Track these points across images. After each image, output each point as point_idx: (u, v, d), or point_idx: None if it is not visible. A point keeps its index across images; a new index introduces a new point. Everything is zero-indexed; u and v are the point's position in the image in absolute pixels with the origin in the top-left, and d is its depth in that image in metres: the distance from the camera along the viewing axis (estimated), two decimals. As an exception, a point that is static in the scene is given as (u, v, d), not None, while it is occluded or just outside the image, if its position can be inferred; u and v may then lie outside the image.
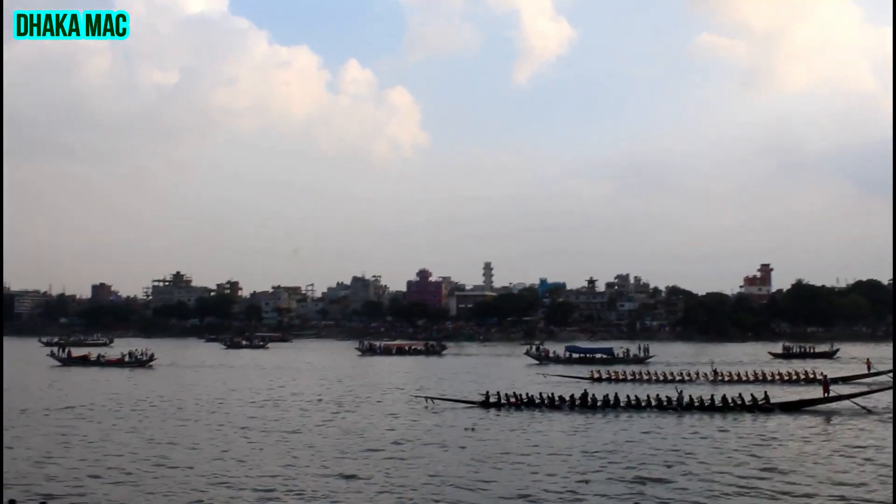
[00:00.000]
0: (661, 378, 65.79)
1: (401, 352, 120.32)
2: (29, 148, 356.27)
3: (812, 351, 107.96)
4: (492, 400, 49.07)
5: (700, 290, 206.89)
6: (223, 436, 38.40)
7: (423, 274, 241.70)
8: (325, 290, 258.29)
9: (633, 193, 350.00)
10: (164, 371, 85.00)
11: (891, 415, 42.95)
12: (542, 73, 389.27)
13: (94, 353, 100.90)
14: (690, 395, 47.84)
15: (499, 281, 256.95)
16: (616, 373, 69.88)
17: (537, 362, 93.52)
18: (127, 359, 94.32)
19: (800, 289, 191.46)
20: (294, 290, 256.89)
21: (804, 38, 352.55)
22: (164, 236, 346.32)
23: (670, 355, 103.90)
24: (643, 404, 47.21)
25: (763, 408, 45.88)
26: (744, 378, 65.66)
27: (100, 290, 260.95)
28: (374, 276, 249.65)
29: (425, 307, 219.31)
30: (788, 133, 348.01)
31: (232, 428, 40.90)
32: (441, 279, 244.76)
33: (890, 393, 48.24)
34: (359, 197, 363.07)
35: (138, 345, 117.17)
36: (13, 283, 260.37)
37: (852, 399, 47.03)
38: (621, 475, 28.68)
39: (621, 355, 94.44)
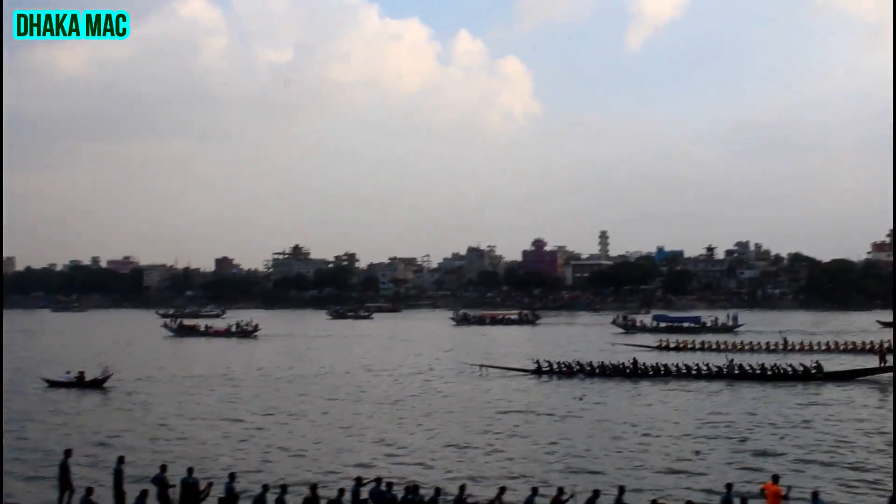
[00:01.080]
0: (729, 347, 66.04)
1: (494, 321, 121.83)
2: (152, 128, 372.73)
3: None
4: (543, 368, 50.26)
5: (824, 256, 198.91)
6: (348, 406, 40.46)
7: (538, 243, 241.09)
8: (441, 261, 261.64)
9: (753, 156, 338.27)
10: (266, 341, 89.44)
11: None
12: (655, 37, 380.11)
13: (202, 324, 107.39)
14: (740, 364, 47.93)
15: (615, 249, 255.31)
16: (684, 342, 70.29)
17: (624, 331, 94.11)
18: (233, 329, 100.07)
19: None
20: (410, 262, 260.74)
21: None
22: (282, 211, 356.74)
23: (766, 324, 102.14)
24: (694, 372, 47.62)
25: (813, 376, 45.62)
26: (815, 347, 64.70)
27: (222, 263, 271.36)
28: (489, 247, 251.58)
29: (541, 277, 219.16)
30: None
31: (330, 398, 43.08)
32: (556, 248, 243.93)
33: None
34: (472, 168, 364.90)
35: (258, 316, 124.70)
36: (142, 257, 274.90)
37: None
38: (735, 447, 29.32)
39: (709, 324, 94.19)
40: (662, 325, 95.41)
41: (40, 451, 29.09)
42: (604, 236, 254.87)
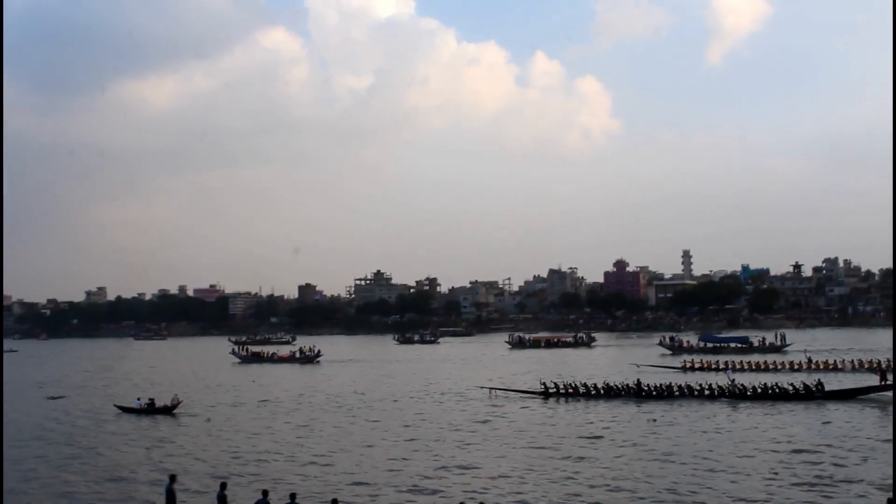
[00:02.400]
0: (753, 367, 67.37)
1: (549, 344, 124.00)
2: (236, 158, 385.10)
3: None
4: (551, 390, 53.03)
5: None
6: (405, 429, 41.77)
7: (620, 264, 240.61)
8: (522, 284, 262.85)
9: (839, 170, 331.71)
10: (328, 367, 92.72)
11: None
12: (735, 51, 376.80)
13: (267, 350, 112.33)
14: (742, 385, 49.52)
15: (698, 268, 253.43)
16: (708, 362, 71.50)
17: (670, 352, 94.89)
18: (297, 355, 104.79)
19: None
20: (491, 285, 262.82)
21: None
22: (364, 237, 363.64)
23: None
24: (695, 393, 49.61)
25: (814, 396, 46.90)
26: (839, 367, 65.68)
27: (306, 290, 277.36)
28: (571, 268, 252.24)
29: (623, 297, 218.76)
30: None
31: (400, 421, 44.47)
32: (638, 269, 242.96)
33: None
34: (551, 189, 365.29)
35: (339, 341, 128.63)
36: (227, 286, 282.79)
37: None
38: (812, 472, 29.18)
39: (756, 344, 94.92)
40: (710, 345, 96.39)
41: (130, 477, 31.38)
42: (687, 255, 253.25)
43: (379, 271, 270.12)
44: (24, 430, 43.81)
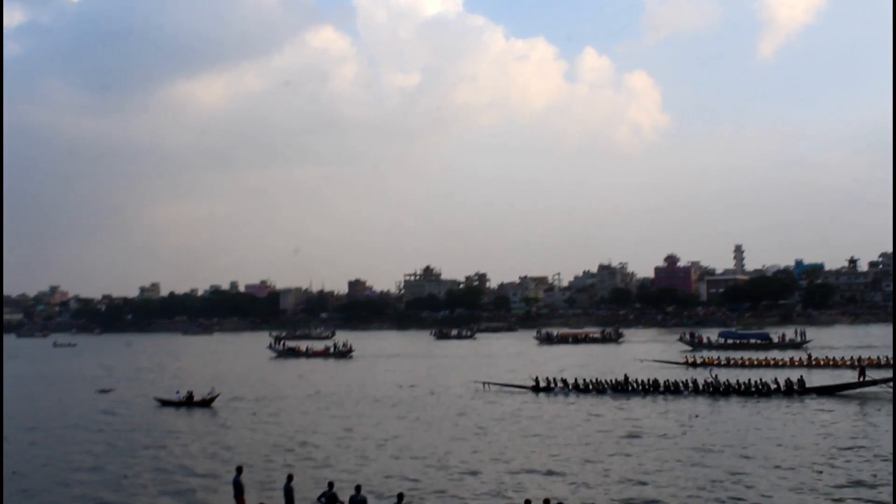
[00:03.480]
0: (754, 364, 68.43)
1: (577, 340, 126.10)
2: (285, 156, 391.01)
3: None
4: (541, 385, 55.31)
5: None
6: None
7: (671, 259, 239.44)
8: (572, 279, 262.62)
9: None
10: (361, 361, 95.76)
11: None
12: (788, 43, 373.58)
13: (303, 345, 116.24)
14: (727, 380, 51.24)
15: (751, 263, 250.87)
16: (710, 358, 73.29)
17: (690, 349, 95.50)
18: (331, 350, 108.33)
19: None
20: (541, 280, 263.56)
21: None
22: (413, 232, 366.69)
23: (835, 339, 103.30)
24: (681, 388, 51.32)
25: (795, 391, 48.62)
26: (839, 363, 66.61)
27: (355, 285, 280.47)
28: (621, 264, 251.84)
29: (674, 293, 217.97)
30: None
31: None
32: (689, 264, 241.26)
33: None
34: (601, 184, 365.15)
35: (388, 336, 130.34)
36: (278, 281, 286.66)
37: (888, 383, 48.48)
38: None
39: (776, 340, 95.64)
40: (730, 341, 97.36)
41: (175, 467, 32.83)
42: (738, 250, 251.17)
43: (428, 267, 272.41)
44: (74, 422, 46.46)
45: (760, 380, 50.18)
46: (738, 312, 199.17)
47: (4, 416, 49.49)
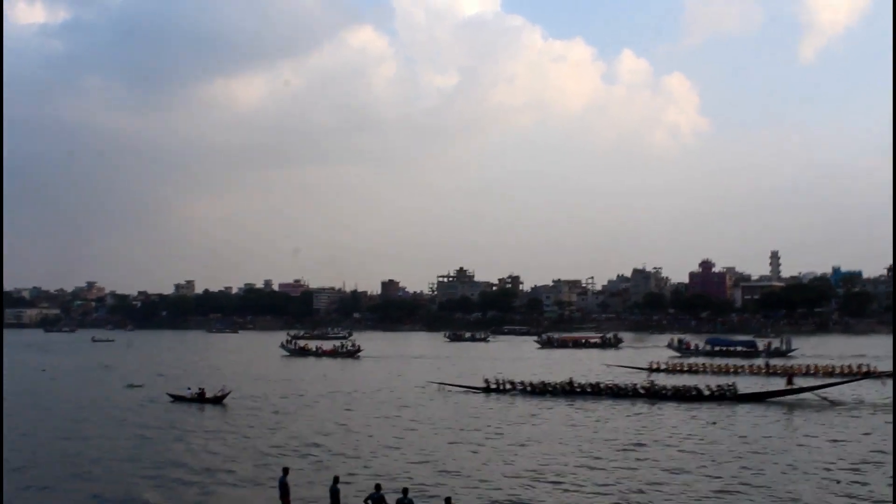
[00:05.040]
0: (715, 370, 70.72)
1: (576, 344, 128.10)
2: (321, 155, 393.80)
3: None
4: (492, 386, 57.80)
5: None
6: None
7: (706, 264, 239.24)
8: (606, 283, 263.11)
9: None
10: (366, 362, 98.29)
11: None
12: (830, 47, 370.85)
13: (313, 345, 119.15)
14: (664, 385, 54.27)
15: (787, 270, 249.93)
16: (674, 364, 75.79)
17: (679, 355, 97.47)
18: (340, 350, 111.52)
19: None
20: (574, 284, 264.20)
21: None
22: (447, 233, 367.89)
23: (817, 349, 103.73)
24: (620, 392, 53.74)
25: (727, 397, 50.57)
26: (803, 372, 67.33)
27: (389, 286, 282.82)
28: (655, 268, 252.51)
29: (708, 299, 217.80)
30: None
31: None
32: (725, 269, 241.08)
33: (853, 385, 54.06)
34: (637, 187, 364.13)
35: (419, 338, 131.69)
36: (311, 281, 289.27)
37: (814, 391, 50.27)
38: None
39: (762, 348, 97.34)
40: (717, 348, 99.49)
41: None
42: (775, 256, 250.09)
43: (462, 268, 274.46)
44: (103, 416, 48.26)
45: (695, 386, 52.58)
46: (773, 319, 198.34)
47: (36, 406, 53.02)
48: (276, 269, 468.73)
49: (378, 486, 22.42)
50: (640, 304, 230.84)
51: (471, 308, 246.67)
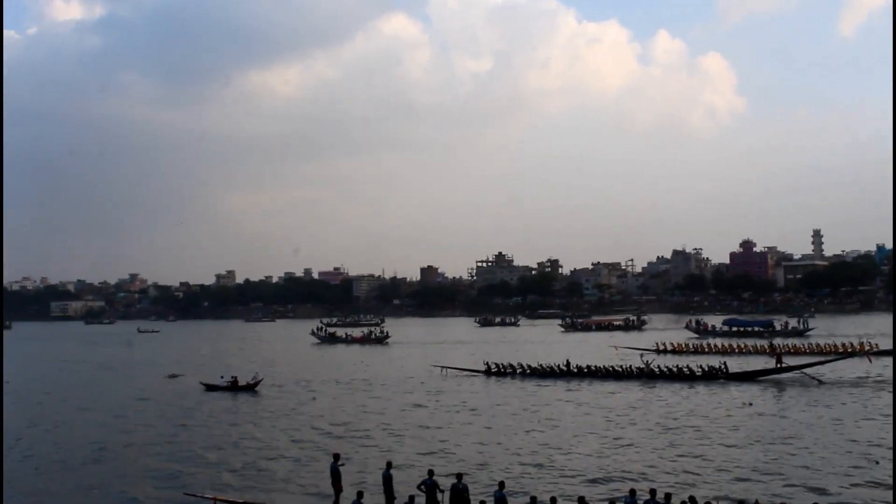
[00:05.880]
0: (718, 350, 72.48)
1: (600, 327, 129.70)
2: (358, 143, 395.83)
3: None
4: (492, 369, 59.68)
5: None
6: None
7: (747, 244, 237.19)
8: (646, 265, 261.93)
9: None
10: (395, 348, 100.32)
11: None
12: (870, 21, 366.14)
13: (343, 332, 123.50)
14: (658, 365, 55.63)
15: (830, 249, 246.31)
16: (679, 344, 76.79)
17: (697, 336, 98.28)
18: (368, 337, 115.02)
19: None
20: (614, 266, 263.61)
21: None
22: (485, 219, 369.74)
23: (835, 328, 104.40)
24: (617, 373, 55.37)
25: (718, 376, 51.96)
26: (806, 350, 68.94)
27: (428, 272, 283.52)
28: (696, 249, 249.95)
29: (750, 279, 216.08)
30: None
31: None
32: (766, 249, 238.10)
33: (835, 364, 55.66)
34: (675, 168, 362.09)
35: (456, 323, 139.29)
36: (351, 268, 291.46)
37: (803, 370, 51.39)
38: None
39: (779, 328, 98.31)
40: (735, 328, 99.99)
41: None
42: (817, 235, 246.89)
43: (500, 253, 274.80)
44: (143, 405, 49.92)
45: (688, 366, 54.03)
46: (816, 299, 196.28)
47: (81, 395, 55.56)
48: (315, 258, 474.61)
49: (431, 472, 22.69)
50: (680, 285, 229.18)
51: (510, 293, 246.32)
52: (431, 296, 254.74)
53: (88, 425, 41.81)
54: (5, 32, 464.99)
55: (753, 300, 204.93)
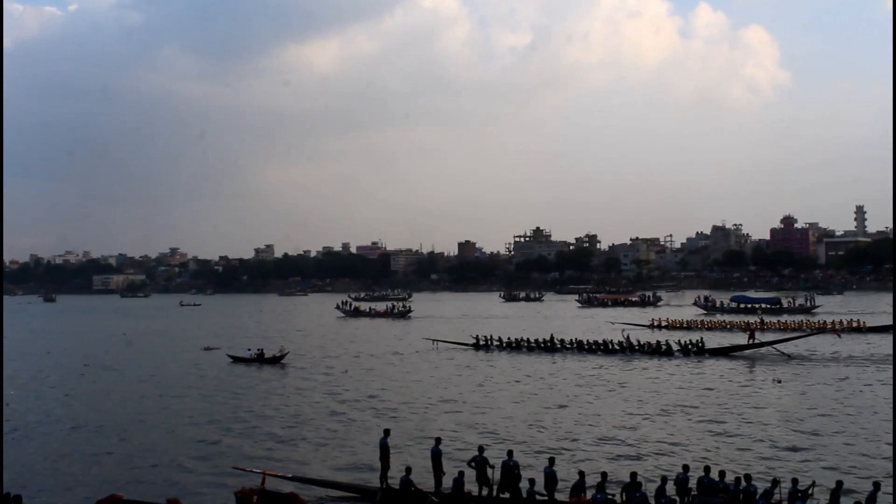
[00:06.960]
0: (710, 326, 75.86)
1: (616, 303, 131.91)
2: (396, 118, 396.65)
3: None
4: (481, 343, 61.79)
5: None
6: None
7: (788, 221, 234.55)
8: (685, 241, 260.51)
9: None
10: (417, 322, 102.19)
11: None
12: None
13: (367, 306, 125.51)
14: (638, 340, 58.06)
15: (873, 225, 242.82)
16: (673, 321, 78.28)
17: (704, 312, 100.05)
18: (391, 311, 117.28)
19: None
20: (652, 242, 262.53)
21: None
22: (523, 194, 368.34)
23: (844, 306, 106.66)
24: (600, 347, 57.19)
25: (694, 352, 53.80)
26: (789, 326, 71.77)
27: (465, 247, 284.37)
28: (735, 225, 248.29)
29: (791, 255, 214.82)
30: None
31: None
32: (807, 225, 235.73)
33: (808, 339, 57.97)
34: (716, 143, 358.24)
35: (493, 299, 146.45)
36: (388, 243, 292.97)
37: (773, 346, 53.27)
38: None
39: (786, 305, 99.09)
40: (742, 305, 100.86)
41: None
42: (860, 211, 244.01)
43: (538, 228, 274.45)
44: (177, 376, 51.48)
45: (666, 341, 56.13)
46: (858, 276, 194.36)
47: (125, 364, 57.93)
48: (353, 232, 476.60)
49: (481, 448, 22.24)
50: (720, 261, 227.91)
51: (548, 268, 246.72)
52: (468, 271, 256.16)
53: (127, 395, 42.92)
54: (47, 8, 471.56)
55: (794, 276, 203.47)
